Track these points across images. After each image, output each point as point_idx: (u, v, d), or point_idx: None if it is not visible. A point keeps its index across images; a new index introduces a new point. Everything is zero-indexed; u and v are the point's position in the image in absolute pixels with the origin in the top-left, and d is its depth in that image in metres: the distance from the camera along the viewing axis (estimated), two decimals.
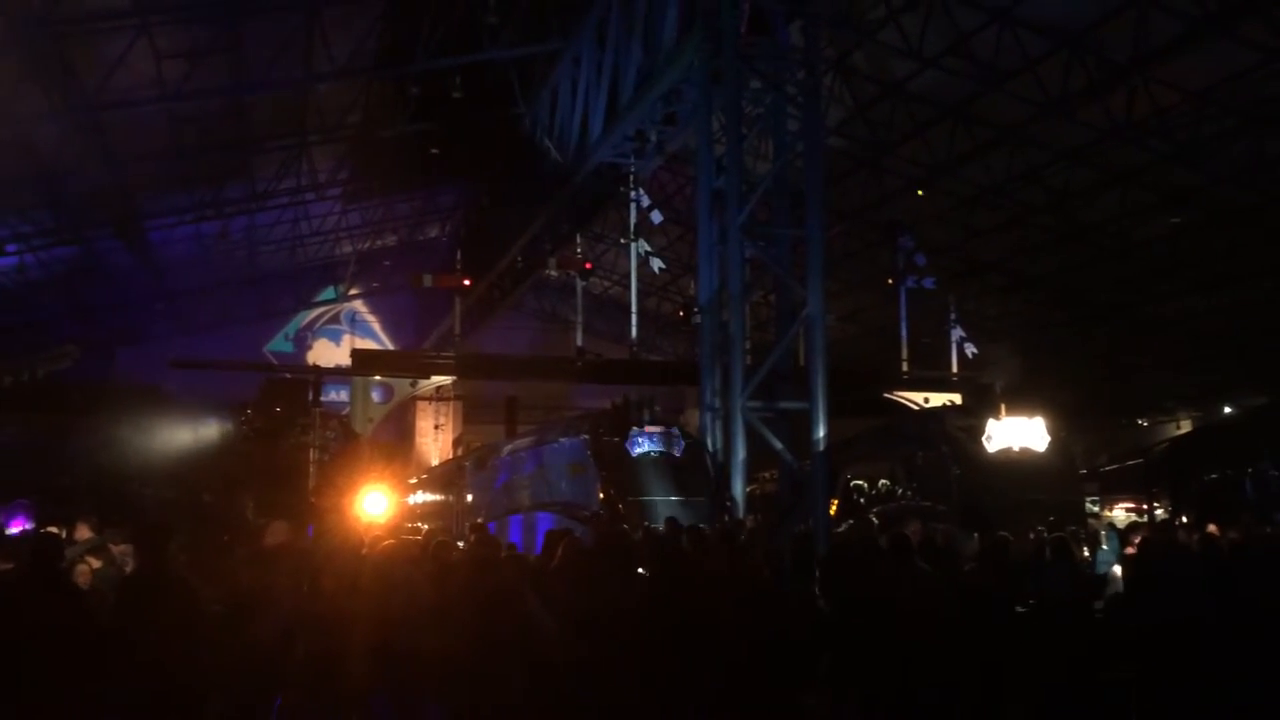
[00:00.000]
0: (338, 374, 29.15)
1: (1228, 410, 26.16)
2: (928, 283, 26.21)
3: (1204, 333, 27.21)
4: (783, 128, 18.70)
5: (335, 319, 42.66)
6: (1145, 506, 19.74)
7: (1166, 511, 18.39)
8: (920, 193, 24.00)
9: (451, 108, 23.78)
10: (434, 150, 27.00)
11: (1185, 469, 18.37)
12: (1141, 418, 31.61)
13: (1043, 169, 22.76)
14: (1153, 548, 9.85)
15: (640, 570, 8.26)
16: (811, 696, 7.56)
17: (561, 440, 17.69)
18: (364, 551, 8.49)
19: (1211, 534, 10.36)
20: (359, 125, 25.53)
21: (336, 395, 30.45)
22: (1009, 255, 27.44)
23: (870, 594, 7.69)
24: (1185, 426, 28.76)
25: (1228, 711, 7.67)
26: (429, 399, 32.62)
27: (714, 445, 17.45)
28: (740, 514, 16.22)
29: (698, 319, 18.43)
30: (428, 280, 29.69)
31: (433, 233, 39.86)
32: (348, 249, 37.83)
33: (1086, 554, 12.56)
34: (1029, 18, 18.36)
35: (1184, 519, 17.04)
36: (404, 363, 27.32)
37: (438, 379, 26.21)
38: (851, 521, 15.60)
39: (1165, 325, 28.13)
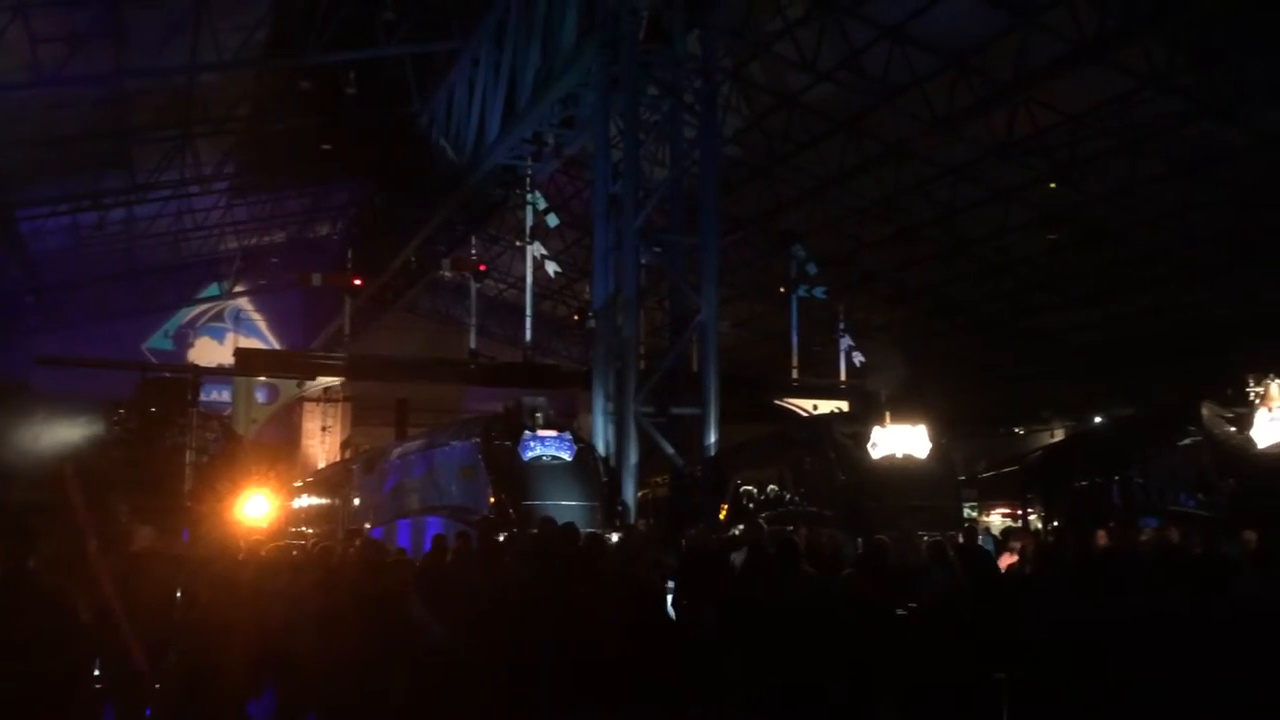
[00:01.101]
0: (220, 374, 28.26)
1: (1098, 420, 27.29)
2: (818, 292, 26.71)
3: (1077, 345, 28.37)
4: (680, 135, 18.87)
5: (219, 317, 41.37)
6: (1020, 512, 20.44)
7: (1040, 517, 19.09)
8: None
9: (345, 104, 23.33)
10: (326, 146, 26.44)
11: (1058, 476, 19.08)
12: (1018, 426, 32.76)
13: (929, 183, 23.44)
14: (1036, 552, 10.24)
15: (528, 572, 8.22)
16: (696, 698, 7.62)
17: (452, 443, 17.47)
18: (242, 557, 8.24)
19: (1087, 538, 10.79)
20: (247, 118, 24.84)
21: (219, 395, 29.52)
22: (896, 266, 28.18)
23: (756, 597, 7.79)
24: (1059, 435, 29.89)
25: (1105, 712, 7.98)
26: (316, 400, 31.84)
27: (607, 449, 17.49)
28: (631, 518, 16.29)
29: (592, 323, 18.47)
30: (317, 279, 29.02)
31: (323, 230, 39.02)
32: (234, 245, 36.75)
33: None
34: (918, 36, 18.90)
35: (1056, 524, 17.74)
36: (291, 363, 26.61)
37: (326, 380, 25.62)
38: (741, 526, 15.76)
39: (1042, 337, 29.24)
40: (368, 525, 19.30)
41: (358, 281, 27.88)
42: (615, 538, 14.26)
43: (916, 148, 21.72)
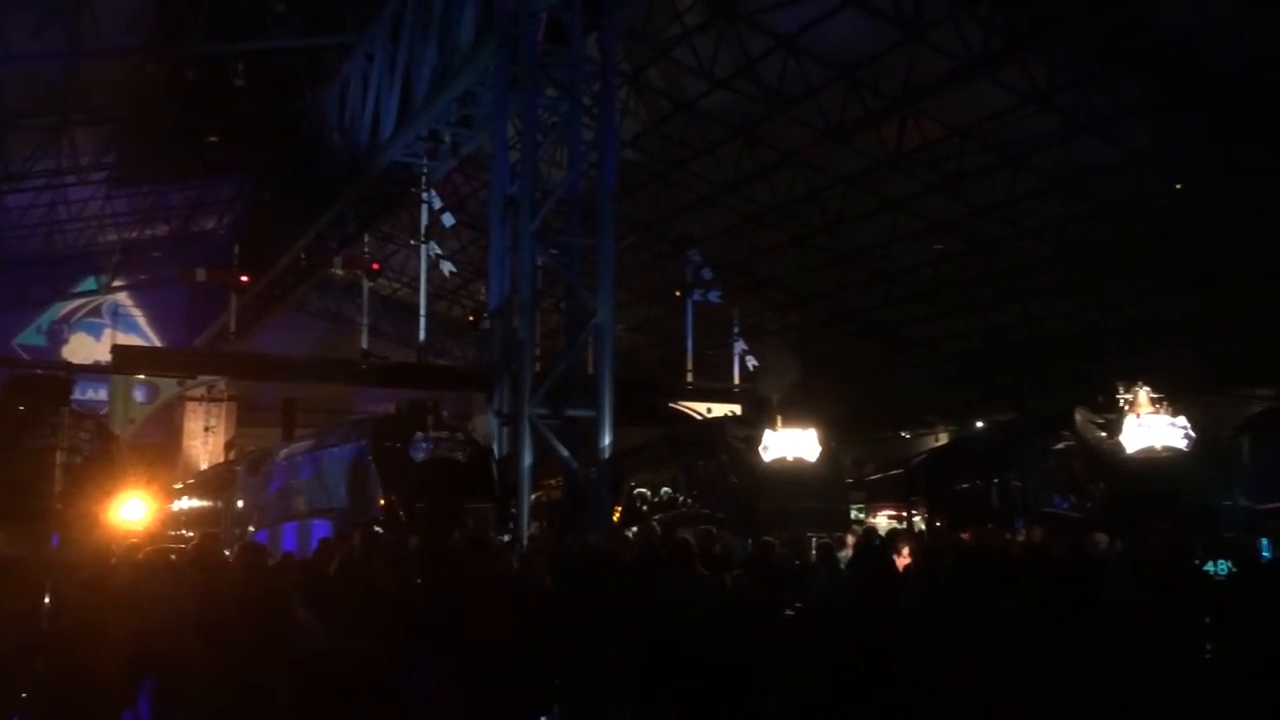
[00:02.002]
0: (96, 371, 27.17)
1: (979, 425, 28.25)
2: (713, 296, 26.98)
3: (961, 352, 29.30)
4: (578, 137, 18.84)
5: (96, 312, 39.72)
6: (905, 514, 20.99)
7: (923, 518, 19.64)
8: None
9: (233, 95, 22.68)
10: (212, 138, 25.67)
11: (940, 479, 19.66)
12: (905, 430, 33.68)
13: (822, 192, 23.92)
14: (917, 552, 10.53)
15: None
16: (584, 696, 7.65)
17: (341, 445, 17.14)
18: (115, 561, 7.94)
19: (963, 540, 11.14)
20: (128, 107, 23.94)
21: (95, 394, 28.35)
22: (790, 272, 28.67)
23: (648, 598, 7.86)
24: (943, 439, 30.84)
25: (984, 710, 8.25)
26: (199, 400, 30.82)
27: (501, 451, 17.37)
28: (525, 520, 16.21)
29: (488, 324, 18.31)
30: (201, 275, 28.13)
31: (208, 225, 37.84)
32: (113, 237, 35.38)
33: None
34: (812, 47, 19.28)
35: (938, 524, 18.27)
36: (171, 361, 25.75)
37: (208, 379, 24.86)
38: (635, 528, 15.82)
39: (928, 344, 30.10)
40: (252, 528, 18.79)
41: (244, 278, 27.14)
42: (507, 539, 14.23)
43: (810, 157, 22.14)
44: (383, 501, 15.01)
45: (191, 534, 19.95)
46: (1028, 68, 17.82)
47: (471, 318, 30.19)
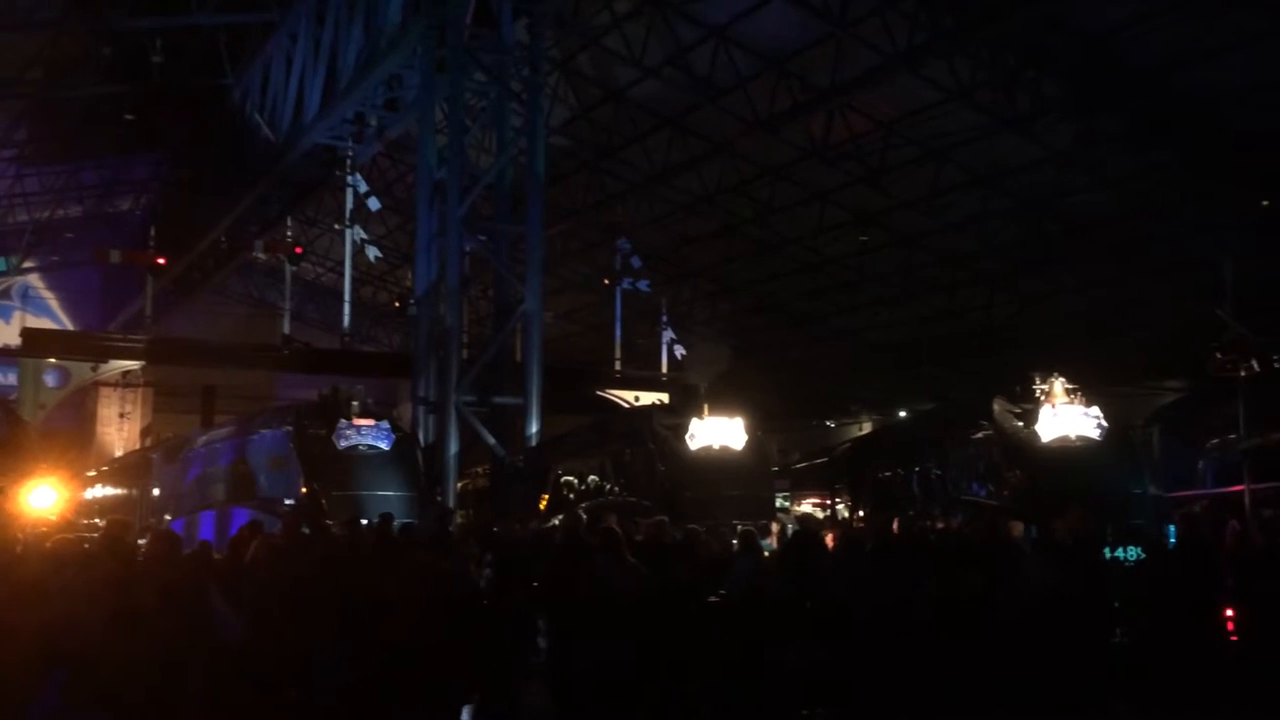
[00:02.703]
0: (4, 354, 26.27)
1: (901, 414, 28.74)
2: (642, 285, 27.08)
3: (884, 343, 29.75)
4: (506, 123, 18.70)
5: (6, 294, 38.40)
6: (829, 501, 21.30)
7: (847, 506, 19.95)
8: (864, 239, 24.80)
9: (151, 72, 22.06)
10: (129, 116, 24.93)
11: (863, 467, 19.99)
12: (829, 419, 34.12)
13: (750, 183, 24.06)
14: (838, 539, 10.69)
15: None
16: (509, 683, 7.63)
17: (262, 432, 16.85)
18: (20, 550, 7.69)
19: (883, 526, 11.35)
20: (40, 82, 23.14)
21: (3, 379, 27.44)
22: (718, 262, 28.82)
23: (574, 585, 7.86)
24: (866, 428, 31.33)
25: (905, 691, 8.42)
26: (114, 385, 30.05)
27: (427, 439, 17.21)
28: (451, 508, 16.09)
29: (414, 310, 18.11)
30: (116, 256, 27.41)
31: (124, 205, 36.75)
32: (24, 217, 34.16)
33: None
34: (742, 38, 19.36)
35: (861, 511, 18.58)
36: (84, 344, 25.04)
37: (123, 364, 24.21)
38: (561, 516, 15.81)
39: (853, 334, 30.51)
40: (168, 516, 18.38)
41: (161, 260, 26.50)
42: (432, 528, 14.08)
43: (739, 147, 22.25)
44: (305, 489, 14.78)
45: (103, 523, 19.47)
46: (952, 64, 18.10)
47: (397, 304, 29.90)
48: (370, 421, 15.57)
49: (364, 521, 11.02)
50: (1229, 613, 9.62)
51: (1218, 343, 13.22)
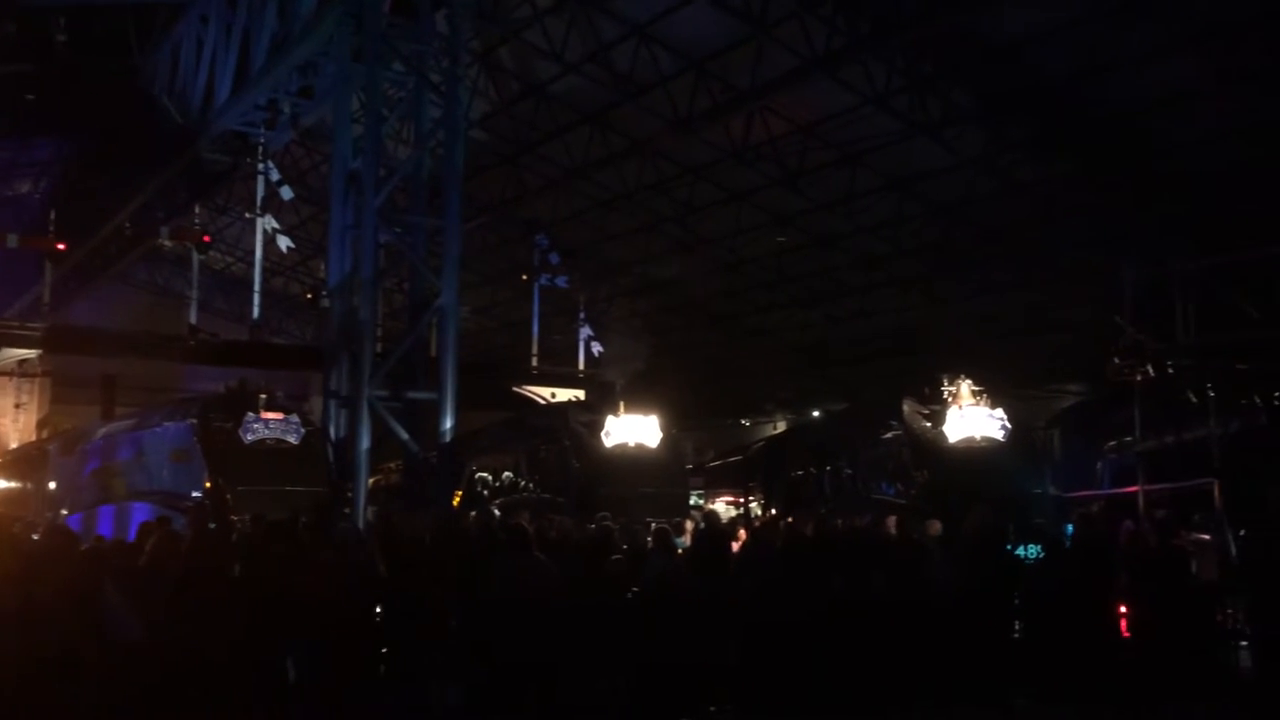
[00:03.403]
0: None
1: (815, 414, 29.16)
2: (561, 281, 27.01)
3: (799, 343, 30.15)
4: (424, 115, 18.43)
5: None
6: (742, 499, 21.51)
7: (759, 504, 20.17)
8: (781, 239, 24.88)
9: (54, 52, 21.26)
10: (29, 96, 23.98)
11: (776, 466, 20.23)
12: (744, 418, 34.45)
13: (670, 181, 24.16)
14: (749, 537, 10.81)
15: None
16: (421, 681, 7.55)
17: (165, 424, 16.39)
18: None
19: (792, 524, 11.49)
20: None
21: None
22: (637, 260, 28.89)
23: (487, 582, 7.80)
24: (781, 427, 31.71)
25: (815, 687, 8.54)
26: (9, 375, 28.88)
27: (337, 434, 16.90)
28: (361, 505, 15.85)
29: (326, 303, 17.78)
30: (13, 240, 26.30)
31: (23, 188, 35.34)
32: None
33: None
34: (663, 36, 19.42)
35: (773, 510, 18.79)
36: None
37: (18, 352, 23.30)
38: (474, 513, 15.68)
39: (768, 334, 30.85)
40: (65, 511, 17.77)
41: (61, 246, 25.57)
42: (342, 524, 13.85)
43: (659, 145, 22.32)
44: (209, 484, 14.43)
45: None
46: (868, 70, 18.41)
47: (310, 295, 29.33)
48: (279, 415, 15.26)
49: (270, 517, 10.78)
50: (1122, 610, 9.98)
51: (1115, 348, 13.66)
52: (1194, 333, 18.48)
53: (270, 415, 15.11)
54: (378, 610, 7.66)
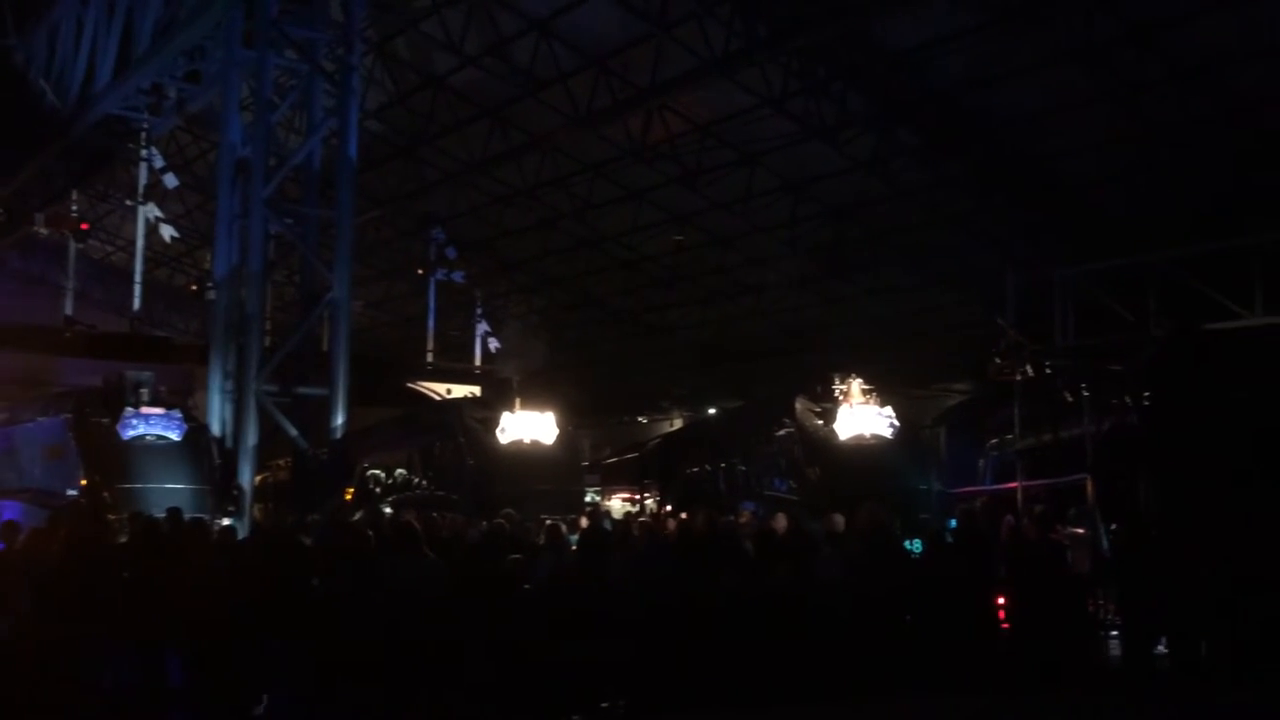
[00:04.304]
0: None
1: (711, 411, 29.44)
2: (457, 276, 26.71)
3: (695, 341, 30.41)
4: (317, 104, 18.09)
5: None
6: (638, 496, 21.59)
7: (655, 501, 20.27)
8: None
9: None
10: None
11: (672, 462, 20.36)
12: (641, 415, 34.60)
13: (569, 178, 24.10)
14: (642, 533, 10.85)
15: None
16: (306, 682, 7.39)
17: (38, 419, 15.70)
18: None
19: (685, 520, 11.60)
20: None
21: None
22: (535, 256, 28.75)
23: (374, 580, 7.68)
24: (677, 424, 31.93)
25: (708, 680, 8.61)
26: None
27: (224, 429, 16.44)
28: (246, 502, 15.46)
29: (212, 295, 17.29)
30: None
31: None
32: None
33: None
34: (564, 32, 19.35)
35: (669, 507, 18.90)
36: None
37: None
38: (362, 511, 15.41)
39: (665, 332, 31.04)
40: None
41: None
42: (227, 522, 13.50)
43: (558, 142, 22.24)
44: (85, 482, 13.86)
45: None
46: (765, 73, 18.66)
47: (194, 287, 28.39)
48: (160, 410, 14.75)
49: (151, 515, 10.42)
50: (1001, 601, 10.33)
51: (996, 349, 14.13)
52: (1072, 335, 19.28)
53: (150, 410, 14.59)
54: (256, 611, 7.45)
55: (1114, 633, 10.94)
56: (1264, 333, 16.23)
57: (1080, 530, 12.18)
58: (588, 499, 19.35)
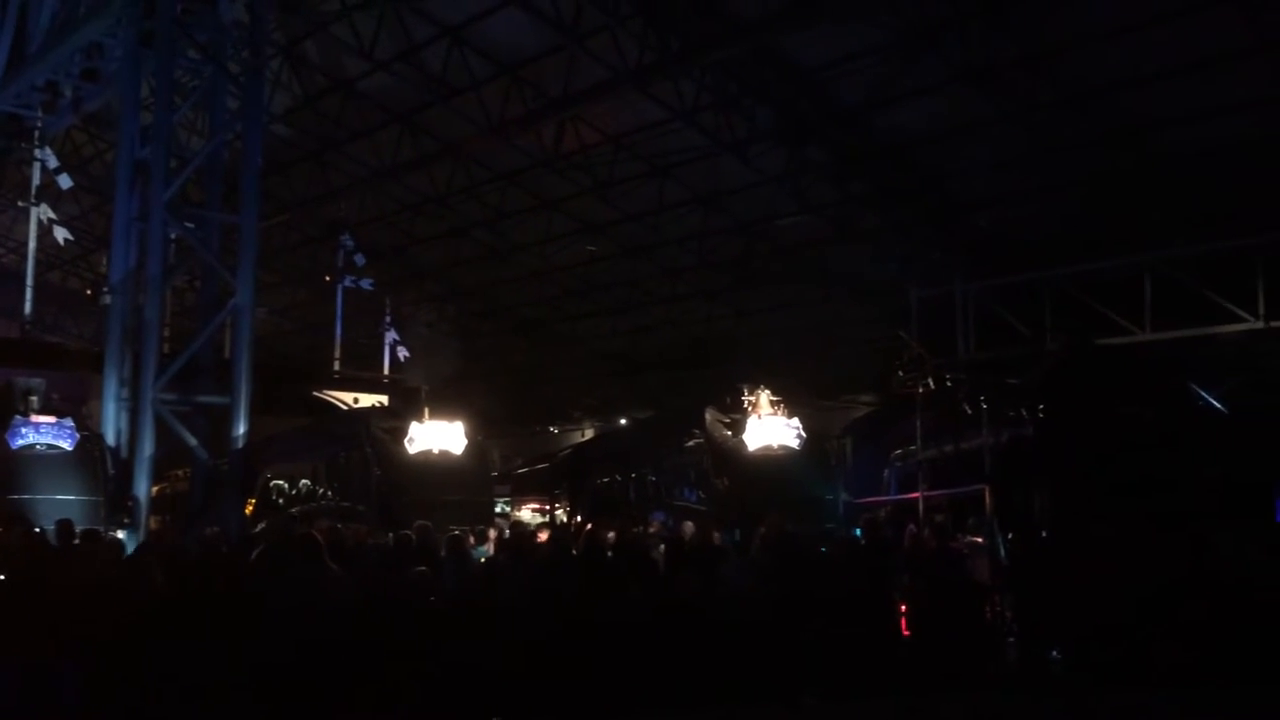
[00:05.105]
0: None
1: (622, 422, 29.53)
2: (366, 283, 26.32)
3: (607, 351, 30.46)
4: (222, 105, 17.66)
5: None
6: (549, 506, 21.56)
7: (565, 511, 20.26)
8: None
9: None
10: None
11: (583, 473, 20.37)
12: (553, 425, 34.52)
13: (481, 186, 23.95)
14: (549, 543, 10.83)
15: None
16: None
17: None
18: None
19: (593, 531, 11.62)
20: None
21: None
22: (446, 265, 28.49)
23: (273, 595, 7.51)
24: (588, 435, 31.94)
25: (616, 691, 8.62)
26: None
27: (118, 440, 15.92)
28: (143, 514, 15.00)
29: (108, 299, 16.76)
30: None
31: None
32: None
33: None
34: (476, 40, 19.25)
35: (579, 517, 18.92)
36: None
37: None
38: (264, 523, 15.10)
39: (577, 342, 31.03)
40: None
41: None
42: (121, 535, 13.10)
43: (470, 150, 22.10)
44: None
45: None
46: (677, 86, 18.82)
47: (90, 291, 27.45)
48: (51, 419, 14.26)
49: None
50: (903, 608, 10.58)
51: (899, 361, 14.47)
52: (973, 348, 19.85)
53: (41, 419, 14.10)
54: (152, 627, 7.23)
55: (1010, 638, 11.27)
56: (1152, 349, 16.95)
57: (979, 539, 12.53)
58: (498, 510, 19.25)
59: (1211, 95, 16.01)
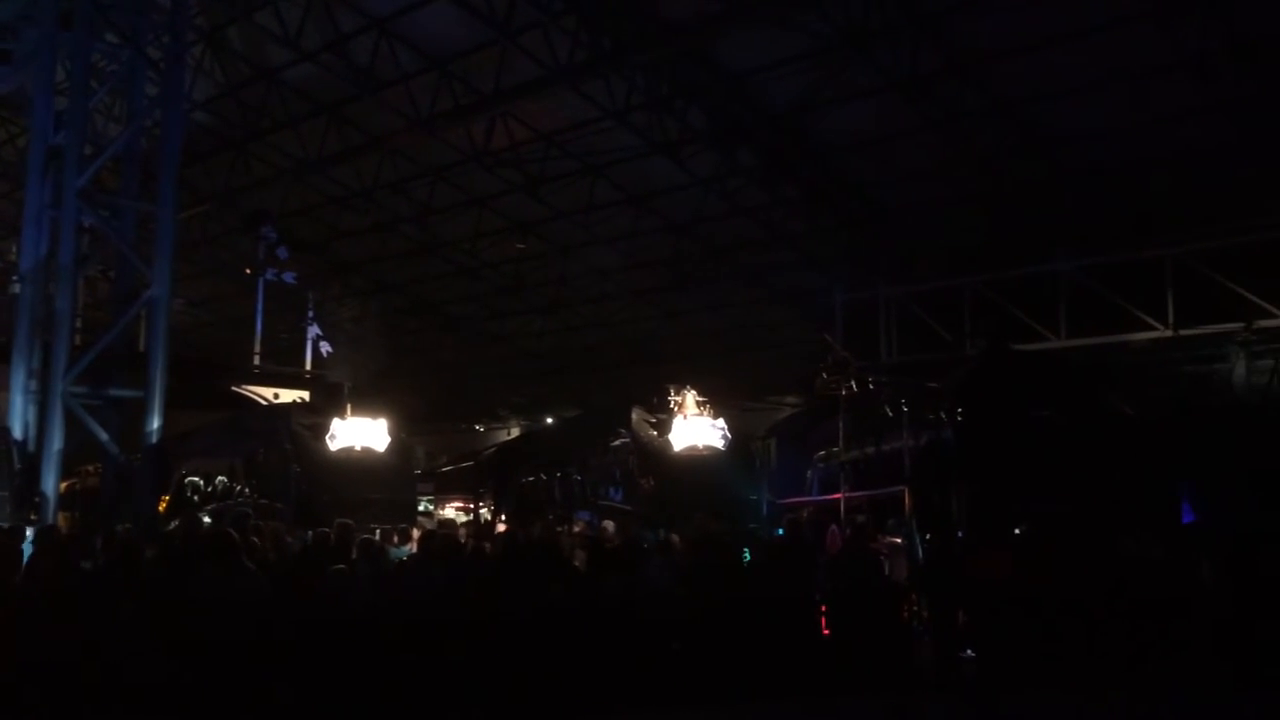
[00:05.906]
0: None
1: (549, 420, 29.42)
2: (288, 277, 25.81)
3: (534, 350, 30.33)
4: (140, 91, 17.19)
5: None
6: (474, 505, 21.37)
7: (490, 510, 20.10)
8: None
9: None
10: None
11: (508, 471, 20.24)
12: (479, 423, 34.26)
13: (409, 181, 23.66)
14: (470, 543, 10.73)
15: None
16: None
17: None
18: None
19: (525, 530, 11.56)
20: None
21: None
22: (372, 259, 28.10)
23: (185, 595, 7.34)
24: (515, 433, 31.76)
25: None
26: None
27: (25, 433, 15.42)
28: (50, 510, 14.55)
29: (17, 289, 16.23)
30: None
31: None
32: None
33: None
34: (405, 33, 19.02)
35: (503, 516, 18.81)
36: None
37: None
38: (177, 521, 14.71)
39: (504, 340, 30.83)
40: None
41: None
42: (29, 533, 12.66)
43: (398, 144, 21.82)
44: None
45: None
46: (610, 85, 18.81)
47: None
48: None
49: None
50: (823, 609, 10.71)
51: (824, 364, 14.65)
52: (895, 352, 20.17)
53: None
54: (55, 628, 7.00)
55: (925, 637, 11.46)
56: (1066, 355, 17.41)
57: (898, 540, 12.74)
58: (421, 508, 19.04)
59: (1128, 109, 16.51)
